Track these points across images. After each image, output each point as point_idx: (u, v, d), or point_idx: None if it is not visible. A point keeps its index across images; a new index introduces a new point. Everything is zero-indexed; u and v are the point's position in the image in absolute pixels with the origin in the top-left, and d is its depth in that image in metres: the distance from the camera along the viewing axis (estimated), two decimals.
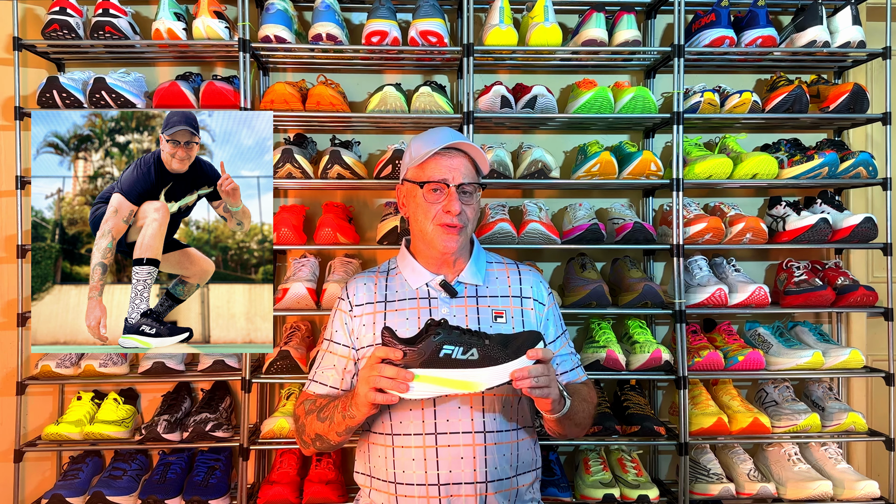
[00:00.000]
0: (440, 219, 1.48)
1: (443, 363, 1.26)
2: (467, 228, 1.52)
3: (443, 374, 1.26)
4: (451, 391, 1.28)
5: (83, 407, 2.20)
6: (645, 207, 2.50)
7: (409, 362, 1.27)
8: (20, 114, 2.18)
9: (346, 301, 1.58)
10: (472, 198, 1.52)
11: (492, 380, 1.27)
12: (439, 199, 1.49)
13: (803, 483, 2.13)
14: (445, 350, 1.26)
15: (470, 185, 1.50)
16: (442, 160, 1.49)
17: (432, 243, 1.51)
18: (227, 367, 2.20)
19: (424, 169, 1.51)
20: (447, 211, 1.47)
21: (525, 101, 2.20)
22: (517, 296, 1.57)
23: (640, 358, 2.14)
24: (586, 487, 2.14)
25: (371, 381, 1.29)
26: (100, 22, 2.13)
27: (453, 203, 1.47)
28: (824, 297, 2.21)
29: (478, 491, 1.40)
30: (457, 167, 1.49)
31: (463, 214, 1.49)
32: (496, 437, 1.44)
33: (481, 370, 1.27)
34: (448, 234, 1.49)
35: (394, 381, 1.27)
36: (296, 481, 2.16)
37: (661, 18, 2.49)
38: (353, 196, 2.47)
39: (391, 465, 1.44)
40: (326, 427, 1.44)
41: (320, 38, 2.15)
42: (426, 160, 1.50)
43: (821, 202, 2.35)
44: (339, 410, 1.41)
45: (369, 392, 1.30)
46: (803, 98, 2.24)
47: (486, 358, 1.27)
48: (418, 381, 1.27)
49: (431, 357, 1.26)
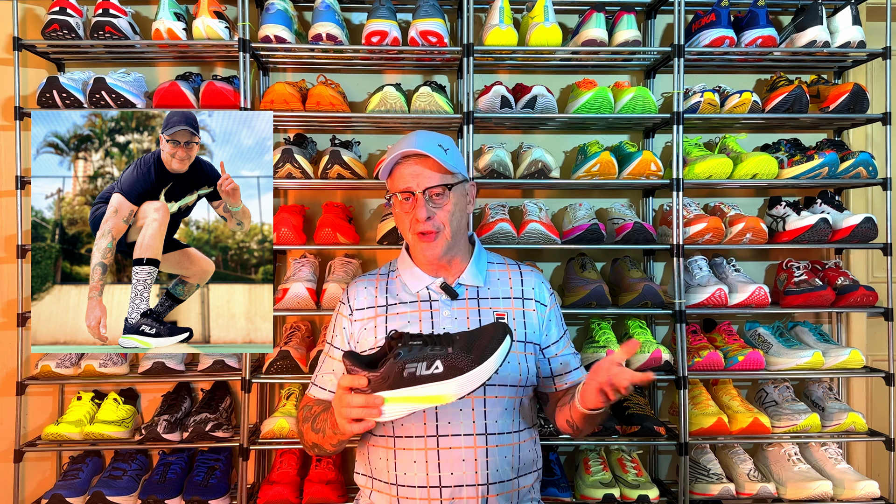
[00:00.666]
0: (414, 227, 1.48)
1: (408, 381, 1.23)
2: (446, 231, 1.48)
3: (411, 392, 1.23)
4: (424, 406, 1.26)
5: (83, 407, 2.20)
6: (645, 207, 2.50)
7: (375, 387, 1.24)
8: (20, 114, 2.18)
9: (347, 305, 1.58)
10: (444, 198, 1.47)
11: (460, 390, 1.23)
12: (410, 208, 1.48)
13: (803, 483, 2.13)
14: (408, 369, 1.23)
15: (438, 188, 1.46)
16: (403, 168, 1.48)
17: (418, 252, 1.51)
18: (227, 367, 2.20)
19: (393, 179, 1.50)
20: (416, 219, 1.46)
21: (525, 101, 2.20)
22: (519, 297, 1.56)
23: (641, 358, 2.14)
24: (586, 487, 2.14)
25: (343, 413, 1.27)
26: (100, 22, 2.13)
27: (418, 210, 1.45)
28: (824, 298, 2.21)
29: (479, 493, 1.40)
30: (419, 173, 1.46)
31: (434, 219, 1.46)
32: (498, 438, 1.43)
33: (448, 382, 1.23)
34: (424, 242, 1.48)
35: (365, 408, 1.25)
36: (296, 481, 2.16)
37: (661, 18, 2.49)
38: (353, 196, 2.47)
39: (392, 467, 1.44)
40: (320, 438, 1.44)
41: (320, 38, 2.15)
42: (392, 170, 1.50)
43: (821, 202, 2.35)
44: (328, 425, 1.40)
45: (345, 424, 1.28)
46: (803, 98, 2.24)
47: (450, 368, 1.23)
48: (389, 402, 1.24)
49: (396, 379, 1.23)
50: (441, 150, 1.47)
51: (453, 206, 1.49)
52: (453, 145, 1.53)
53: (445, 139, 1.52)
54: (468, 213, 1.58)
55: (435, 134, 1.53)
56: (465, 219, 1.56)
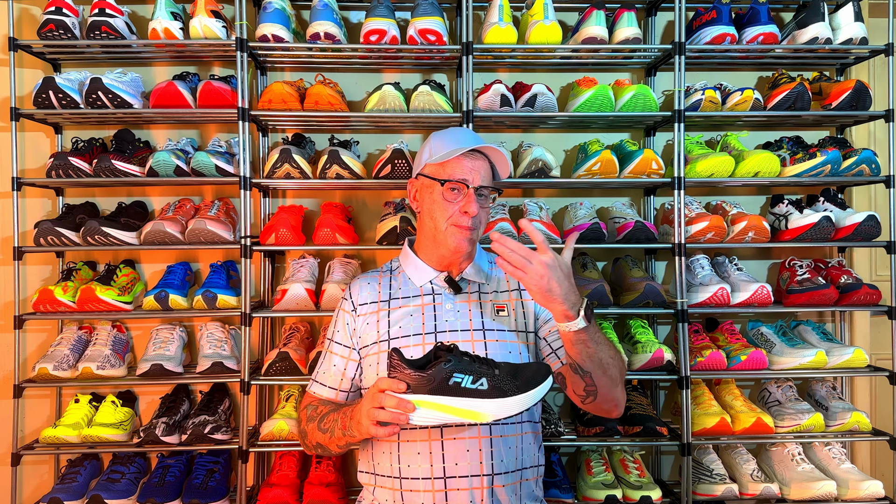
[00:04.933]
0: (456, 219, 1.50)
1: (451, 391, 1.24)
2: (479, 230, 1.53)
3: (451, 402, 1.24)
4: (455, 419, 1.26)
5: (81, 410, 2.18)
6: (646, 206, 2.48)
7: (416, 388, 1.24)
8: (16, 115, 2.17)
9: (349, 301, 1.59)
10: (487, 201, 1.54)
11: (499, 412, 1.25)
12: (457, 199, 1.50)
13: (807, 483, 2.11)
14: (455, 378, 1.24)
15: (487, 189, 1.52)
16: (464, 160, 1.51)
17: (444, 242, 1.52)
18: (226, 368, 2.18)
19: (445, 167, 1.51)
20: (464, 212, 1.49)
21: (525, 99, 2.18)
22: (516, 288, 1.59)
23: (642, 358, 2.13)
24: (588, 488, 2.12)
25: (372, 414, 1.27)
26: (96, 22, 2.12)
27: (471, 204, 1.48)
28: (827, 296, 2.19)
29: (484, 483, 1.40)
30: (477, 169, 1.51)
31: (478, 217, 1.50)
32: (502, 429, 1.44)
33: (489, 401, 1.25)
34: (462, 234, 1.50)
35: (394, 413, 1.25)
36: (296, 483, 2.15)
37: (662, 16, 2.48)
38: (352, 196, 2.46)
39: (396, 461, 1.44)
40: (327, 438, 1.44)
41: (318, 37, 2.13)
42: (448, 159, 1.51)
43: (823, 200, 2.34)
44: (339, 426, 1.40)
45: (370, 425, 1.28)
46: (805, 95, 2.23)
47: (494, 389, 1.25)
48: (422, 407, 1.24)
49: (440, 384, 1.24)
50: (506, 158, 1.55)
51: (489, 209, 1.57)
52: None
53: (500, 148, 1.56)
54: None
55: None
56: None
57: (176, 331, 2.29)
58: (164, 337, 2.26)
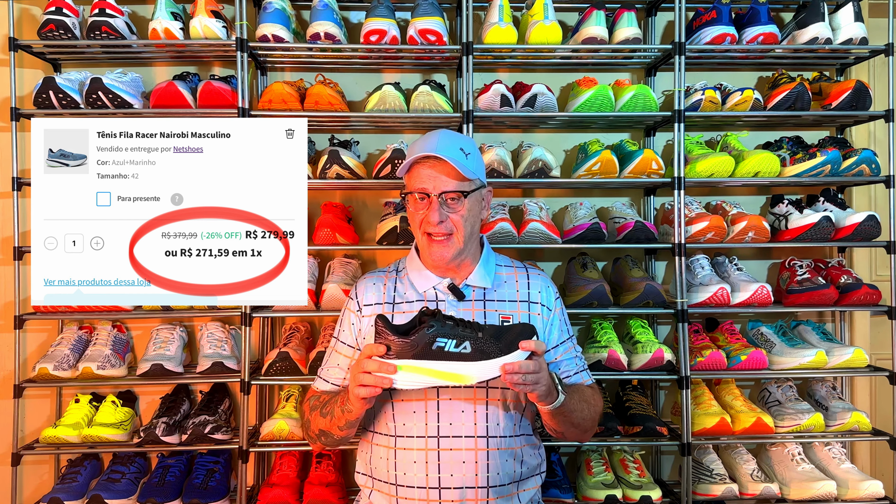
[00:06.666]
0: (426, 227, 1.47)
1: (435, 355, 1.26)
2: (458, 235, 1.46)
3: (434, 365, 1.26)
4: (439, 382, 1.28)
5: (81, 410, 2.19)
6: (646, 206, 2.48)
7: (400, 353, 1.26)
8: (16, 115, 2.17)
9: (355, 301, 1.58)
10: (460, 203, 1.45)
11: (482, 373, 1.27)
12: (423, 209, 1.47)
13: (807, 483, 2.11)
14: (439, 343, 1.26)
15: (454, 193, 1.44)
16: (421, 169, 1.46)
17: (425, 252, 1.50)
18: (226, 368, 2.18)
19: (411, 177, 1.49)
20: (427, 221, 1.45)
21: (525, 99, 2.18)
22: (525, 300, 1.54)
23: (642, 358, 2.13)
24: (588, 488, 2.12)
25: (357, 377, 1.30)
26: (96, 22, 2.12)
27: (431, 213, 1.44)
28: (827, 296, 2.19)
29: (479, 496, 1.39)
30: (437, 175, 1.44)
31: (446, 223, 1.45)
32: (499, 442, 1.42)
33: (472, 363, 1.26)
34: (433, 244, 1.47)
35: (378, 378, 1.27)
36: (296, 483, 2.15)
37: (662, 16, 2.47)
38: (353, 196, 2.46)
39: (392, 467, 1.43)
40: (328, 422, 1.45)
41: (318, 38, 2.13)
42: (411, 168, 1.48)
43: (823, 200, 2.33)
44: (338, 405, 1.41)
45: (355, 388, 1.31)
46: (805, 95, 2.23)
47: (478, 351, 1.26)
48: (403, 370, 1.26)
49: (424, 349, 1.26)
50: (462, 155, 1.45)
51: (467, 211, 1.47)
52: (476, 149, 1.52)
53: (469, 142, 1.51)
54: (482, 219, 1.56)
55: (459, 136, 1.51)
56: (479, 224, 1.54)
57: (176, 331, 2.29)
58: (164, 337, 2.26)
